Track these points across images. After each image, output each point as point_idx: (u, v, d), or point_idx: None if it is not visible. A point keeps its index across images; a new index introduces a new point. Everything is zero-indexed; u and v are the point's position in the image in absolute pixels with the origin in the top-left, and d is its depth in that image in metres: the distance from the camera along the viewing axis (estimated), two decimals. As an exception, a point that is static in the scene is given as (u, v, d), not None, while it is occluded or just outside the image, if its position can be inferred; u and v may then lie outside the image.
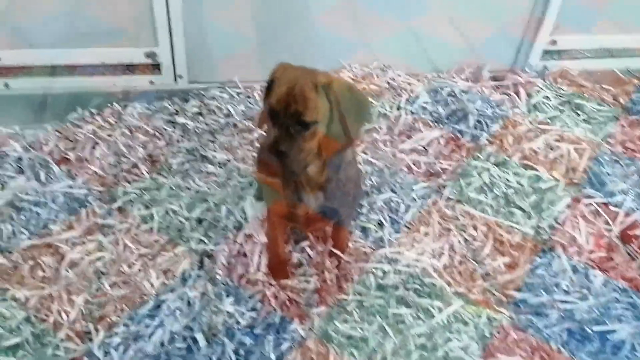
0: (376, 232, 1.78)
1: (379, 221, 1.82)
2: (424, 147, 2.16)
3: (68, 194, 1.85)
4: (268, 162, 1.24)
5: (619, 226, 1.87)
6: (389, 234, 1.78)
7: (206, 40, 2.28)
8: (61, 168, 1.95)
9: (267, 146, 1.23)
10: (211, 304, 1.52)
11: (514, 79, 2.54)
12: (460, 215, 1.86)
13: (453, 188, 1.96)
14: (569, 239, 1.80)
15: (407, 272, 1.64)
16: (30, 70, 2.22)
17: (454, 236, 1.78)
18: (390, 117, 2.28)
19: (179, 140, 2.12)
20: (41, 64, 2.22)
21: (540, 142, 2.17)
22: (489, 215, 1.86)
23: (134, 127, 2.16)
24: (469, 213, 1.87)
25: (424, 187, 1.97)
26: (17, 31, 2.12)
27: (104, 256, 1.65)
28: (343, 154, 1.39)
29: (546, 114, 2.37)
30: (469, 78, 2.55)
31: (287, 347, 1.45)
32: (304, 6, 2.32)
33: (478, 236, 1.79)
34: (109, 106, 2.24)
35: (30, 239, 1.69)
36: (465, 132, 2.23)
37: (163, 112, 2.25)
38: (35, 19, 2.10)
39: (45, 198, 1.81)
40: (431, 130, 2.23)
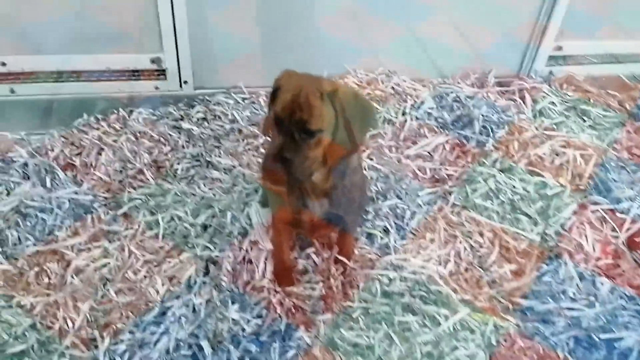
0: (382, 238, 1.78)
1: (385, 227, 1.81)
2: (429, 152, 2.16)
3: (73, 200, 1.85)
4: (273, 170, 1.23)
5: (625, 233, 1.86)
6: (394, 241, 1.77)
7: (211, 46, 2.28)
8: (67, 174, 1.95)
9: (272, 154, 1.23)
10: (216, 310, 1.52)
11: (519, 85, 2.54)
12: (466, 221, 1.86)
13: (459, 194, 1.95)
14: (575, 246, 1.80)
15: (413, 279, 1.64)
16: (36, 76, 2.23)
17: (460, 243, 1.78)
18: (396, 122, 2.28)
19: (184, 146, 2.12)
20: (47, 70, 2.23)
21: (546, 148, 2.16)
22: (495, 222, 1.86)
23: (140, 132, 2.16)
24: (475, 219, 1.87)
25: (430, 193, 1.97)
26: (23, 37, 2.12)
27: (109, 263, 1.65)
28: (348, 160, 1.39)
29: (552, 119, 2.37)
30: (474, 84, 2.55)
31: (293, 355, 1.45)
32: (309, 12, 2.32)
33: (484, 243, 1.79)
34: (115, 112, 2.25)
35: (35, 245, 1.69)
36: (470, 137, 2.22)
37: (168, 118, 2.25)
38: (41, 25, 2.10)
39: (50, 204, 1.81)
40: (436, 136, 2.23)
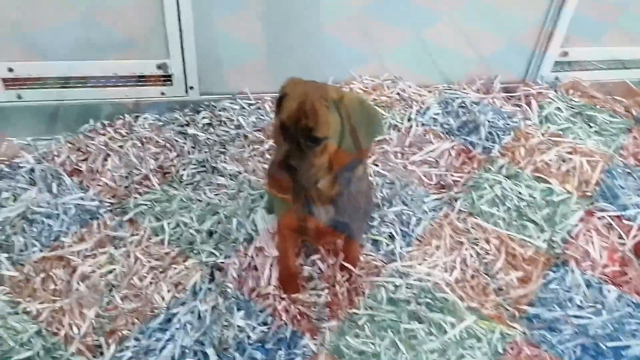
0: (387, 245, 1.78)
1: (390, 234, 1.81)
2: (435, 159, 2.15)
3: (80, 205, 1.85)
4: (279, 177, 1.23)
5: (632, 240, 1.85)
6: (400, 247, 1.77)
7: (217, 51, 2.29)
8: (73, 180, 1.96)
9: (278, 161, 1.23)
10: (222, 317, 1.52)
11: (525, 91, 2.53)
12: (472, 228, 1.85)
13: (465, 201, 1.95)
14: (582, 253, 1.79)
15: (418, 286, 1.63)
16: (42, 82, 2.23)
17: (466, 250, 1.77)
18: (401, 128, 2.28)
19: (189, 151, 2.13)
20: (54, 76, 2.23)
21: (553, 154, 2.15)
22: (501, 229, 1.85)
23: (145, 138, 2.16)
24: (481, 226, 1.86)
25: (436, 199, 1.97)
26: (30, 43, 2.13)
27: (115, 269, 1.65)
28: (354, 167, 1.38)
29: (558, 125, 2.36)
30: (480, 89, 2.55)
31: (298, 362, 1.45)
32: (315, 17, 2.33)
33: (490, 250, 1.78)
34: (121, 117, 2.25)
35: (42, 251, 1.69)
36: (476, 143, 2.22)
37: (174, 124, 2.26)
38: (47, 31, 2.11)
39: (57, 210, 1.82)
40: (442, 142, 2.22)
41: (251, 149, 2.15)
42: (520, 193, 1.98)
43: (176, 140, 2.17)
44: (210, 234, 1.79)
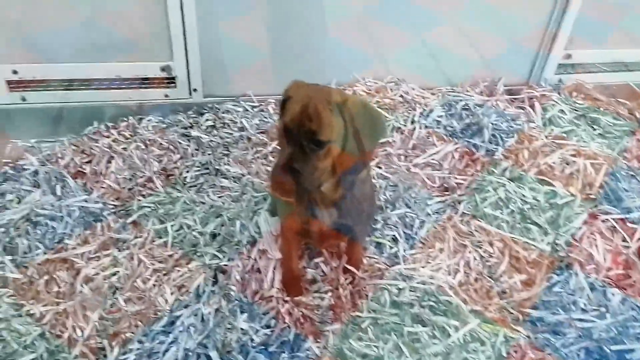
0: (391, 248, 1.77)
1: (394, 237, 1.81)
2: (438, 161, 2.15)
3: (83, 208, 1.86)
4: (282, 180, 1.23)
5: (636, 243, 1.84)
6: (403, 250, 1.76)
7: (221, 54, 2.29)
8: (77, 182, 1.96)
9: (281, 164, 1.22)
10: (225, 320, 1.52)
11: (529, 93, 2.53)
12: (476, 231, 1.85)
13: (468, 203, 1.95)
14: (586, 256, 1.78)
15: (422, 289, 1.63)
16: (47, 84, 2.23)
17: (469, 252, 1.77)
18: (404, 131, 2.28)
19: (193, 154, 2.13)
20: (58, 78, 2.24)
21: (556, 157, 2.15)
22: (504, 231, 1.85)
23: (149, 140, 2.17)
24: (485, 229, 1.86)
25: (439, 202, 1.96)
26: (34, 46, 2.14)
27: (118, 271, 1.65)
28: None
29: (561, 128, 2.36)
30: (483, 92, 2.55)
31: (302, 366, 1.44)
32: (318, 20, 2.33)
33: (494, 253, 1.78)
34: (125, 119, 2.26)
35: (45, 253, 1.70)
36: (480, 146, 2.22)
37: (178, 126, 2.26)
38: (51, 33, 2.12)
39: (61, 212, 1.82)
40: (446, 144, 2.22)
41: (254, 151, 2.15)
42: (523, 196, 1.98)
43: (180, 143, 2.17)
44: (214, 236, 1.79)
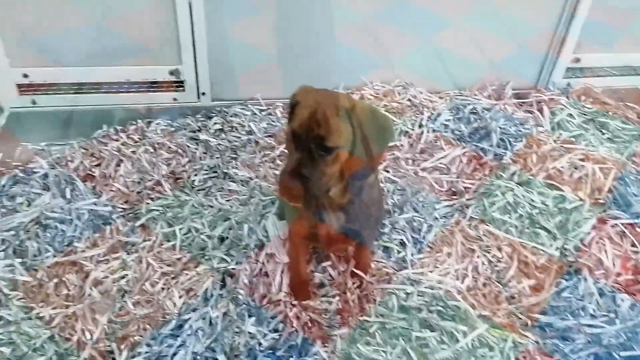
0: (398, 252, 1.77)
1: (401, 241, 1.81)
2: (446, 165, 2.15)
3: (93, 211, 1.86)
4: (290, 185, 1.23)
5: (646, 248, 1.84)
6: (411, 254, 1.76)
7: (229, 58, 2.30)
8: (86, 185, 1.97)
9: (289, 170, 1.23)
10: (233, 324, 1.52)
11: (537, 97, 2.52)
12: (484, 235, 1.84)
13: (476, 208, 1.94)
14: (595, 261, 1.77)
15: (430, 294, 1.63)
16: (57, 88, 2.26)
17: (477, 257, 1.76)
18: (412, 135, 2.28)
19: (201, 157, 2.14)
20: (68, 82, 2.26)
21: (565, 161, 2.14)
22: (513, 236, 1.84)
23: (158, 144, 2.18)
24: (493, 233, 1.85)
25: (447, 206, 1.96)
26: (45, 50, 2.15)
27: (127, 274, 1.66)
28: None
29: (570, 132, 2.35)
30: (491, 95, 2.54)
31: (310, 370, 1.44)
32: (326, 24, 2.33)
33: (502, 257, 1.77)
34: (133, 123, 2.27)
35: (55, 256, 1.71)
36: (488, 150, 2.21)
37: (186, 129, 2.28)
38: (62, 37, 2.14)
39: (70, 215, 1.83)
40: (453, 148, 2.22)
41: (262, 154, 2.15)
42: (532, 200, 1.97)
43: (188, 146, 2.18)
44: (222, 240, 1.79)
